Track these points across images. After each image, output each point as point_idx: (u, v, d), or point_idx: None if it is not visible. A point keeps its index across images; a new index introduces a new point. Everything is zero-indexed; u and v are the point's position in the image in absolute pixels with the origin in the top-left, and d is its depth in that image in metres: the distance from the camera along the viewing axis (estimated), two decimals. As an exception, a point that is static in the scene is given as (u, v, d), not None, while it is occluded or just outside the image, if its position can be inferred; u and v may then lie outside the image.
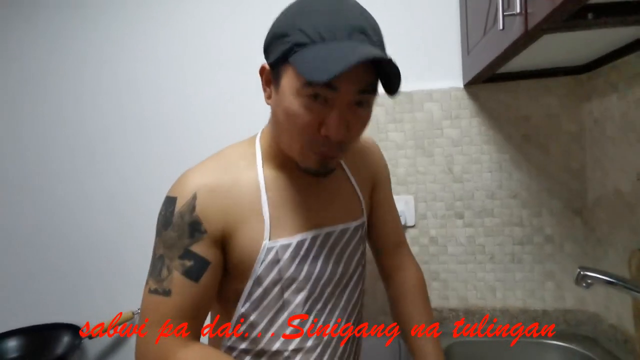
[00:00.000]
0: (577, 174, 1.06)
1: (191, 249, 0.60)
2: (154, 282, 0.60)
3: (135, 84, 1.28)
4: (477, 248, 1.11)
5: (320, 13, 0.55)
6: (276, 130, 0.63)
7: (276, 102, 0.59)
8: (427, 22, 1.12)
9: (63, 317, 1.30)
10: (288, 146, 0.61)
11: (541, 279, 1.09)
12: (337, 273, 0.69)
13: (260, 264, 0.62)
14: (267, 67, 0.60)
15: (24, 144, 1.35)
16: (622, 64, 0.88)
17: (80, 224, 1.32)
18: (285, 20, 0.57)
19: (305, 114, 0.56)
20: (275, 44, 0.57)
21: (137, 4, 1.27)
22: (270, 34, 0.59)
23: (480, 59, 0.90)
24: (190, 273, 0.59)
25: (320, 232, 0.67)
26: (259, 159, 0.66)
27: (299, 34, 0.54)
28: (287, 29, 0.55)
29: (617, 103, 0.91)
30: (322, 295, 0.67)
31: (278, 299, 0.64)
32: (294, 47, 0.54)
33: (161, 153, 1.27)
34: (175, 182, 0.63)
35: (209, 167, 0.64)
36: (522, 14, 0.61)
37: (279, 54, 0.56)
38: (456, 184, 1.11)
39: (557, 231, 1.08)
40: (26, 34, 1.33)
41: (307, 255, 0.65)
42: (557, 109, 1.06)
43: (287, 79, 0.56)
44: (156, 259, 0.61)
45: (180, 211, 0.60)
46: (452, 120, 1.11)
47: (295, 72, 0.54)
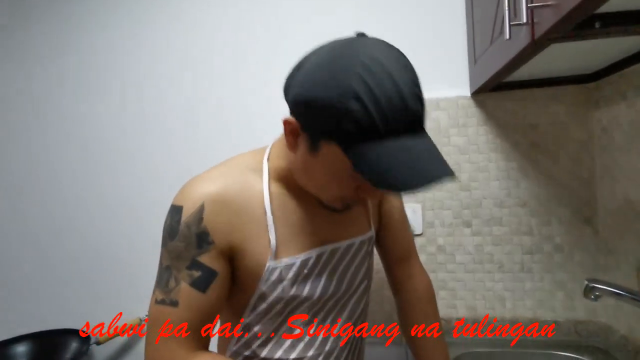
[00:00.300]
0: (586, 183, 1.05)
1: (199, 259, 0.59)
2: (161, 292, 0.59)
3: (141, 88, 1.29)
4: (486, 257, 1.11)
5: (380, 91, 0.48)
6: (301, 176, 0.61)
7: (310, 163, 0.57)
8: (433, 32, 1.13)
9: (71, 323, 1.31)
10: (315, 191, 0.61)
11: (551, 288, 1.08)
12: (341, 289, 0.68)
13: (264, 283, 0.62)
14: (296, 125, 0.55)
15: (29, 149, 1.36)
16: (630, 72, 0.88)
17: (90, 231, 1.33)
18: (331, 91, 0.49)
19: (346, 186, 0.56)
20: (318, 111, 0.51)
21: (144, 8, 1.29)
22: (305, 95, 0.52)
23: (487, 68, 0.91)
24: (197, 284, 0.59)
25: (325, 250, 0.66)
26: (266, 177, 0.64)
27: (350, 123, 0.48)
28: (335, 107, 0.49)
29: (626, 111, 0.91)
30: (324, 308, 0.68)
31: (281, 313, 0.65)
32: (348, 135, 0.49)
33: (164, 159, 1.28)
34: (181, 190, 0.62)
35: (216, 176, 0.63)
36: (529, 24, 0.62)
37: (323, 128, 0.51)
38: (464, 192, 1.11)
39: (567, 240, 1.07)
40: (34, 37, 1.35)
41: (310, 274, 0.64)
42: (564, 117, 1.06)
43: (329, 153, 0.53)
44: (163, 269, 0.61)
45: (186, 221, 0.59)
46: (459, 128, 1.11)
47: (343, 155, 0.51)
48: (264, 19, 1.23)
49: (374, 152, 0.49)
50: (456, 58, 1.12)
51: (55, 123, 1.34)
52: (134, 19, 1.29)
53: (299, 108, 0.54)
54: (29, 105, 1.36)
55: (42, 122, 1.35)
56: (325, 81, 0.50)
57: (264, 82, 1.22)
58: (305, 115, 0.54)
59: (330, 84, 0.49)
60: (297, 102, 0.54)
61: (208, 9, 1.25)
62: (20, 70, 1.36)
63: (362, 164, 0.49)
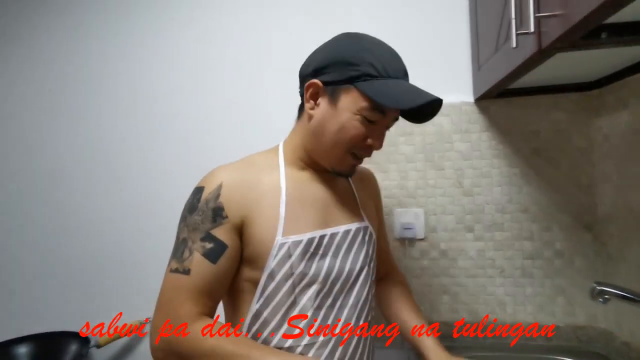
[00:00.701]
0: (587, 189, 1.07)
1: (212, 232, 0.66)
2: (176, 262, 0.66)
3: (151, 93, 1.30)
4: (487, 262, 1.11)
5: (383, 53, 0.69)
6: (317, 137, 0.72)
7: (329, 115, 0.70)
8: (437, 39, 1.14)
9: (71, 325, 1.30)
10: (330, 151, 0.72)
11: (552, 294, 1.09)
12: (345, 270, 0.74)
13: (273, 259, 0.68)
14: (320, 84, 0.70)
15: (35, 152, 1.37)
16: (632, 80, 0.89)
17: (92, 233, 1.33)
18: (351, 52, 0.68)
19: (359, 128, 0.69)
20: (339, 68, 0.68)
21: (156, 16, 1.30)
22: (328, 58, 0.70)
23: (492, 75, 0.91)
24: (209, 254, 0.65)
25: (326, 232, 0.73)
26: (282, 163, 0.75)
27: (368, 66, 0.66)
28: (356, 59, 0.67)
29: (627, 119, 0.92)
30: (331, 291, 0.72)
31: (290, 294, 0.69)
32: (364, 76, 0.66)
33: (172, 162, 1.29)
34: (205, 176, 0.71)
35: (236, 165, 0.73)
36: (536, 33, 0.63)
37: (344, 77, 0.67)
38: (466, 197, 1.12)
39: (567, 246, 1.08)
40: (45, 44, 1.36)
41: (316, 253, 0.71)
42: (566, 124, 1.07)
43: (348, 98, 0.68)
44: (179, 242, 0.68)
45: (206, 198, 0.68)
46: (462, 134, 1.12)
47: (361, 94, 0.67)
48: (274, 25, 1.24)
49: (384, 85, 0.66)
50: (460, 64, 1.13)
51: (64, 127, 1.35)
52: (145, 27, 1.31)
53: (324, 69, 0.69)
54: (40, 110, 1.37)
55: (51, 126, 1.36)
56: (344, 45, 0.70)
57: (273, 87, 1.23)
58: (329, 72, 0.69)
59: (348, 46, 0.69)
60: (323, 64, 0.70)
61: (220, 17, 1.27)
62: (32, 77, 1.37)
63: (376, 94, 0.65)
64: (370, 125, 0.69)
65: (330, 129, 0.69)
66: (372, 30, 1.16)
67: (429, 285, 1.14)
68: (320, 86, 0.70)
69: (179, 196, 0.77)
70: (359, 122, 0.68)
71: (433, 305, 1.13)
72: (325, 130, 0.70)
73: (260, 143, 1.24)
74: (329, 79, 0.69)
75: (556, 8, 0.56)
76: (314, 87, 0.70)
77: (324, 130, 0.70)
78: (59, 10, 1.35)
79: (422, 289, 1.13)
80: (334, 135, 0.70)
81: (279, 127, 1.20)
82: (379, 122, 0.70)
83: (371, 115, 0.68)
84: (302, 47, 1.19)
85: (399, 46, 0.87)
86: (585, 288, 1.07)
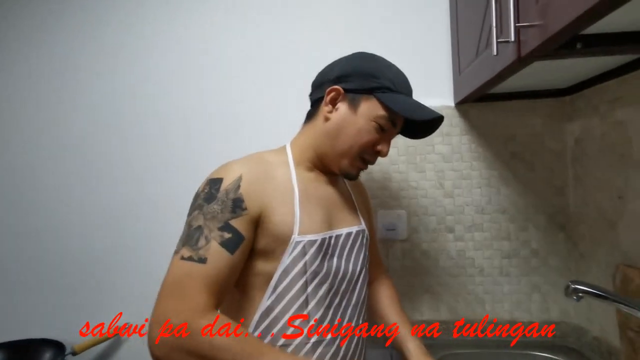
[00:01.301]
0: (560, 191, 1.11)
1: (231, 222, 0.66)
2: (189, 250, 0.63)
3: (149, 93, 1.28)
4: (467, 261, 1.15)
5: (396, 73, 0.78)
6: (332, 139, 0.77)
7: (348, 119, 0.76)
8: (420, 44, 1.17)
9: (47, 333, 1.26)
10: (344, 152, 0.77)
11: (527, 291, 1.13)
12: (349, 271, 0.78)
13: (288, 255, 0.70)
14: (341, 90, 0.76)
15: (29, 153, 1.32)
16: (603, 88, 0.94)
17: (68, 240, 1.29)
18: (372, 66, 0.77)
19: (373, 134, 0.76)
20: (362, 78, 0.76)
21: (153, 16, 1.29)
22: (351, 69, 0.77)
23: (472, 80, 0.94)
24: (227, 244, 0.64)
25: (332, 234, 0.76)
26: (292, 162, 0.78)
27: (387, 81, 0.75)
28: (377, 73, 0.76)
29: (598, 124, 0.97)
30: (339, 290, 0.75)
31: (302, 293, 0.70)
32: (383, 89, 0.75)
33: (166, 164, 1.27)
34: (219, 169, 0.72)
35: (250, 160, 0.74)
36: (516, 42, 0.65)
37: (366, 87, 0.75)
38: (447, 199, 1.15)
39: (543, 245, 1.12)
40: (38, 43, 1.32)
41: (327, 252, 0.74)
42: (541, 129, 1.12)
43: (368, 106, 0.75)
44: (192, 230, 0.65)
45: (226, 188, 0.68)
46: (444, 137, 1.15)
47: (380, 104, 0.75)
48: (271, 28, 1.24)
49: (399, 99, 0.75)
50: (441, 69, 1.16)
51: (57, 127, 1.31)
52: (145, 24, 1.29)
53: (347, 77, 0.76)
54: (34, 109, 1.32)
55: (44, 126, 1.32)
56: (365, 60, 0.79)
57: (276, 89, 1.23)
58: (352, 81, 0.76)
59: (369, 61, 0.79)
60: (346, 73, 0.77)
61: (226, 17, 1.26)
62: (27, 76, 1.33)
63: (395, 105, 0.74)
64: (382, 133, 0.76)
65: (347, 132, 0.75)
66: (356, 34, 1.19)
67: (410, 284, 1.16)
68: (341, 92, 0.76)
69: (179, 196, 0.76)
70: (374, 129, 0.75)
71: (414, 304, 1.16)
72: (342, 133, 0.76)
73: (257, 143, 1.25)
74: (351, 87, 0.76)
75: (535, 19, 0.59)
76: (336, 93, 0.76)
77: (340, 132, 0.76)
78: (56, 7, 1.31)
79: (404, 288, 1.15)
80: (350, 138, 0.75)
81: (276, 128, 1.22)
82: (388, 132, 0.77)
83: (385, 124, 0.75)
84: (289, 55, 1.22)
85: (383, 51, 0.90)
86: (559, 285, 1.12)
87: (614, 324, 0.92)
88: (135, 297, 1.26)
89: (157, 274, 0.70)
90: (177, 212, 0.87)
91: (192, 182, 0.76)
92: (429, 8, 1.17)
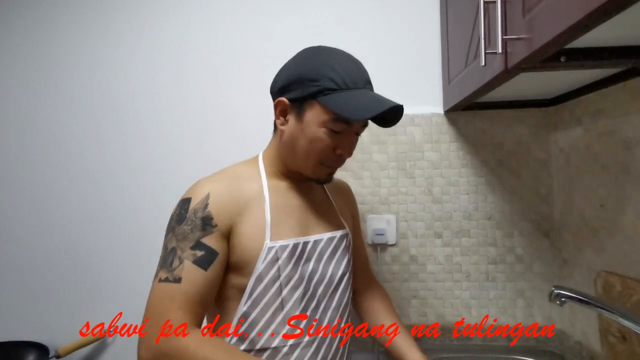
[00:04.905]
0: (545, 198, 1.14)
1: (202, 240, 0.67)
2: (165, 272, 0.65)
3: (149, 92, 1.28)
4: (454, 267, 1.16)
5: (343, 65, 0.71)
6: (290, 150, 0.76)
7: (297, 130, 0.73)
8: (410, 52, 1.19)
9: (30, 335, 1.24)
10: (303, 162, 0.75)
11: (512, 296, 1.15)
12: (327, 274, 0.78)
13: (262, 262, 0.70)
14: (286, 101, 0.74)
15: (9, 151, 1.30)
16: (586, 100, 0.97)
17: (53, 242, 1.28)
18: (311, 68, 0.71)
19: (326, 140, 0.72)
20: (301, 85, 0.71)
21: (147, 13, 1.28)
22: (292, 76, 0.73)
23: (461, 90, 0.97)
24: (200, 262, 0.66)
25: (309, 239, 0.77)
26: (263, 173, 0.78)
27: (328, 81, 0.70)
28: (316, 75, 0.70)
29: (581, 135, 1.00)
30: (315, 294, 0.75)
31: (277, 297, 0.72)
32: (324, 91, 0.70)
33: (167, 163, 1.27)
34: (189, 188, 0.73)
35: (220, 176, 0.75)
36: (503, 54, 0.68)
37: (306, 94, 0.71)
38: (435, 204, 1.17)
39: (528, 252, 1.15)
40: (38, 44, 1.31)
41: (300, 257, 0.74)
42: (527, 137, 1.15)
43: (312, 113, 0.71)
44: (167, 253, 0.68)
45: (194, 208, 0.69)
46: (433, 144, 1.17)
47: (323, 108, 0.70)
48: (263, 29, 1.25)
49: (344, 97, 0.69)
50: (431, 77, 1.19)
51: (52, 126, 1.30)
52: (140, 27, 1.28)
53: (289, 87, 0.73)
54: (31, 110, 1.31)
55: (40, 125, 1.30)
56: (305, 62, 0.73)
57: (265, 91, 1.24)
58: (293, 90, 0.72)
59: (309, 63, 0.73)
60: (287, 82, 0.73)
61: (223, 16, 1.26)
62: (24, 78, 1.31)
63: (336, 107, 0.68)
64: (337, 135, 0.72)
65: (300, 142, 0.73)
66: (347, 43, 1.19)
67: (398, 289, 1.17)
68: (287, 103, 0.74)
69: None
70: (325, 135, 0.72)
71: (402, 308, 1.17)
72: (296, 145, 0.74)
73: (254, 147, 1.26)
74: (294, 96, 0.72)
75: (522, 32, 0.61)
76: (282, 105, 0.74)
77: (294, 144, 0.74)
78: (45, 5, 1.30)
79: (392, 293, 1.16)
80: (304, 149, 0.73)
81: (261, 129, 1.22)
82: (345, 132, 0.73)
83: (335, 126, 0.71)
84: (279, 56, 1.22)
85: (374, 60, 0.91)
86: (543, 291, 1.14)
87: (595, 329, 0.94)
88: (127, 299, 1.25)
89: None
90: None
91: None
92: (420, 18, 1.19)
